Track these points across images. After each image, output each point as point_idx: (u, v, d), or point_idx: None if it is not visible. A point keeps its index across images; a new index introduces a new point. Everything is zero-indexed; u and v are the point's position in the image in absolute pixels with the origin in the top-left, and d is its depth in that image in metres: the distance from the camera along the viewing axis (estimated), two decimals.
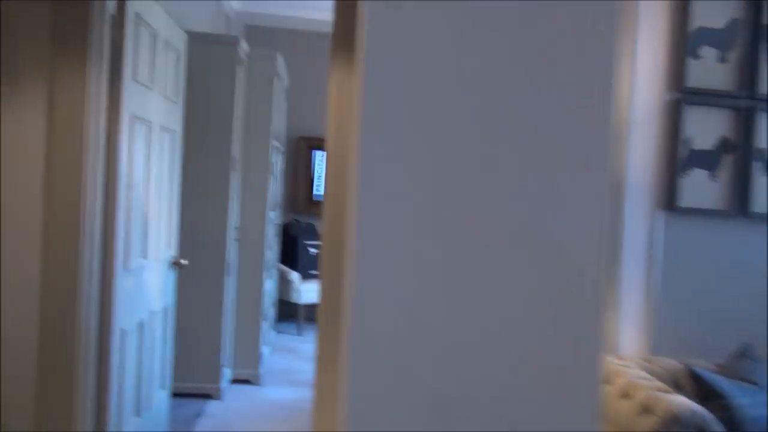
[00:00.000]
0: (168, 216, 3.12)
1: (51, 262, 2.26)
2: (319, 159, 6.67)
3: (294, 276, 5.86)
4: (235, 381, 4.26)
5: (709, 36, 2.45)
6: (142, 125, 2.68)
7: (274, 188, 4.74)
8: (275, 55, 4.27)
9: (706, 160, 2.47)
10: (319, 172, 6.71)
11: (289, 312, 6.10)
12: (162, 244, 3.04)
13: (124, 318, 2.56)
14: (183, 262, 3.25)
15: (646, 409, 1.85)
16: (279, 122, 4.85)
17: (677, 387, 2.07)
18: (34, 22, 2.27)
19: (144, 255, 2.78)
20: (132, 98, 2.53)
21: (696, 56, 2.44)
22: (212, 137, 3.85)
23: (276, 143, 4.69)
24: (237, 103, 3.95)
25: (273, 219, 4.77)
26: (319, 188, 6.71)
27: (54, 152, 2.27)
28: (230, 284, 4.05)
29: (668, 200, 2.45)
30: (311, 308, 6.11)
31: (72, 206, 2.28)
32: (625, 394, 1.97)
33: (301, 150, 6.60)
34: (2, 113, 2.25)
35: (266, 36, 6.09)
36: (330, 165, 1.74)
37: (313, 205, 6.66)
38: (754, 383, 2.06)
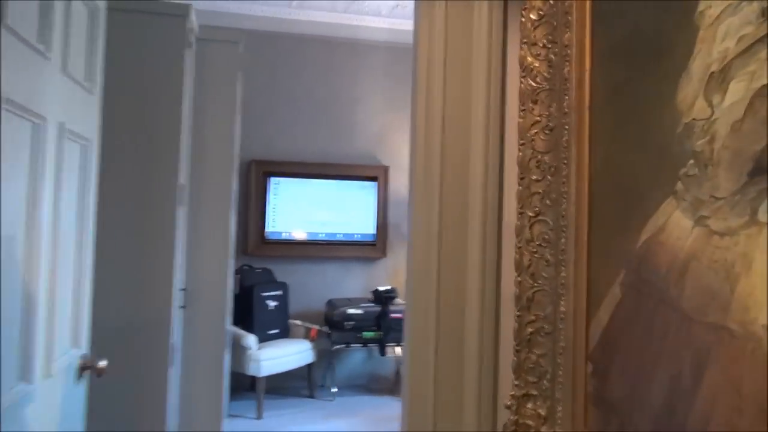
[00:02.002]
0: (75, 289, 1.77)
1: None
2: (275, 188, 5.38)
3: (250, 340, 4.48)
4: None
5: None
6: (23, 122, 1.36)
7: (233, 228, 3.41)
8: (240, 39, 2.98)
9: None
10: (275, 204, 5.41)
11: (243, 386, 4.68)
12: (63, 342, 1.68)
13: None
14: (101, 364, 1.89)
15: None
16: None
17: None
18: None
19: (25, 374, 1.43)
20: (3, 64, 1.22)
21: None
22: (147, 155, 2.50)
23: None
24: (185, 104, 2.64)
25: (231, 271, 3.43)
26: (274, 224, 5.40)
27: None
28: (174, 378, 2.67)
29: None
30: (274, 380, 4.70)
31: None
32: None
33: (252, 177, 5.28)
34: None
35: None
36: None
37: (266, 245, 5.34)
38: None
